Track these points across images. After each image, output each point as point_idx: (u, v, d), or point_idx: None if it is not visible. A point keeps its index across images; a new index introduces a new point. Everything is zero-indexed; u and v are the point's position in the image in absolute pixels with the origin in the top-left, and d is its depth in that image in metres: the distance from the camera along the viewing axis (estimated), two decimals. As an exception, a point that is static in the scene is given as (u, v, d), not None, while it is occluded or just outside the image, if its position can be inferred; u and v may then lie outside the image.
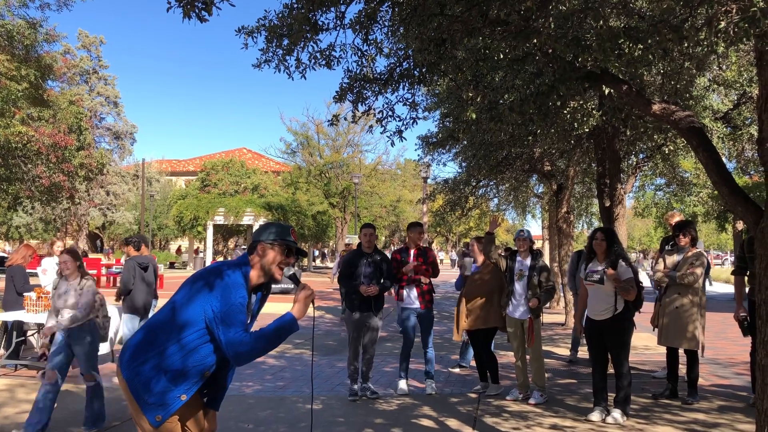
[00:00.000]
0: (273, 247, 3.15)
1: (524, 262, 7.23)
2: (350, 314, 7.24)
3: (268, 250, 3.15)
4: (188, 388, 3.02)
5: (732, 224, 21.83)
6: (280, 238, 3.17)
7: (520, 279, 7.19)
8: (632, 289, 6.15)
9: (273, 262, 3.15)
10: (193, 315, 2.97)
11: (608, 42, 4.22)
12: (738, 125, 9.90)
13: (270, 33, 5.20)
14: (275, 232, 3.19)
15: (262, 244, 3.15)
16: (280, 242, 3.16)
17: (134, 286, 7.91)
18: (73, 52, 42.50)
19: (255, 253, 3.17)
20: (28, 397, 7.05)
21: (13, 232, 39.58)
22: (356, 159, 37.62)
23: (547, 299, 7.21)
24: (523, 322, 7.15)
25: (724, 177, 4.06)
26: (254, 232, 3.27)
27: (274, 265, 3.15)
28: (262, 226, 3.29)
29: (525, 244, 7.29)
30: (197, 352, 2.99)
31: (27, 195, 18.60)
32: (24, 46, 15.88)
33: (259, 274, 3.16)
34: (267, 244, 3.15)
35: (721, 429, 5.95)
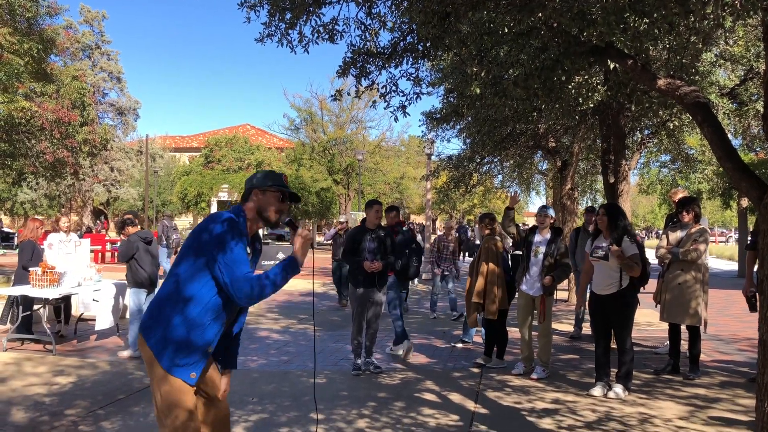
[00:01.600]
0: (266, 193, 3.19)
1: (544, 238, 7.23)
2: (354, 290, 7.27)
3: (263, 195, 3.19)
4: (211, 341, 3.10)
5: (737, 201, 21.75)
6: (274, 184, 3.20)
7: (536, 255, 7.20)
8: (636, 266, 6.16)
9: (269, 206, 3.19)
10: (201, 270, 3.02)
11: (613, 16, 4.18)
12: (744, 101, 9.82)
13: (273, 6, 5.16)
14: (270, 178, 3.22)
15: (257, 190, 3.20)
16: (275, 188, 3.20)
17: (139, 259, 7.94)
18: (76, 26, 42.22)
19: (249, 200, 3.21)
20: (35, 371, 7.14)
21: (18, 208, 39.66)
22: (360, 135, 37.50)
23: (561, 277, 7.21)
24: (535, 299, 7.17)
25: (728, 153, 4.03)
26: (246, 180, 3.29)
27: (270, 208, 3.20)
28: (254, 174, 3.30)
29: (546, 220, 7.28)
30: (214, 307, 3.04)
31: (31, 171, 18.59)
32: (26, 19, 15.77)
33: (255, 219, 3.21)
34: (261, 190, 3.19)
35: (722, 404, 5.99)
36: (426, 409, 5.84)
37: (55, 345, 8.09)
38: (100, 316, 8.69)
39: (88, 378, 6.92)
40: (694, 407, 5.88)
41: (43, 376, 6.94)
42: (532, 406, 5.93)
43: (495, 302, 7.38)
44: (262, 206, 3.19)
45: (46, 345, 8.32)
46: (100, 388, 6.51)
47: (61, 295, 8.41)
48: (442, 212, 56.35)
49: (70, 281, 8.61)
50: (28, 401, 6.00)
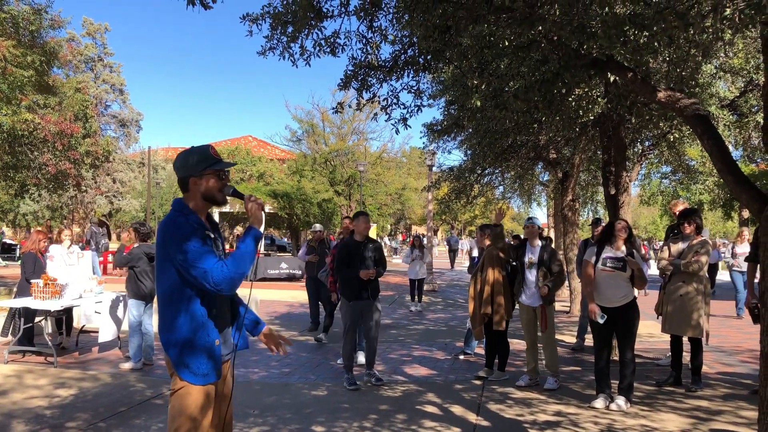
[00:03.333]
0: (203, 176, 3.09)
1: (534, 249, 7.25)
2: (348, 303, 7.24)
3: (202, 181, 3.10)
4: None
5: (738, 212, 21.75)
6: (208, 165, 3.09)
7: (530, 267, 7.21)
8: (646, 278, 6.23)
9: (212, 189, 3.11)
10: (171, 279, 3.00)
11: (613, 29, 4.21)
12: (744, 113, 9.84)
13: (274, 20, 5.19)
14: (198, 161, 3.10)
15: (194, 178, 3.10)
16: (208, 170, 3.09)
17: (141, 273, 7.95)
18: (78, 39, 42.50)
19: (188, 189, 3.12)
20: (36, 383, 7.13)
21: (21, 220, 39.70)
22: (361, 147, 37.52)
23: (557, 286, 7.20)
24: (535, 309, 7.19)
25: (728, 165, 4.05)
26: (176, 168, 3.15)
27: (214, 191, 3.12)
28: (180, 158, 3.15)
29: (534, 231, 7.30)
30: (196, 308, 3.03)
31: (34, 182, 18.65)
32: (29, 32, 15.88)
33: (203, 206, 3.14)
34: (196, 177, 3.10)
35: (725, 416, 5.97)
36: (427, 421, 5.83)
37: (56, 357, 8.08)
38: (104, 328, 8.69)
39: (89, 390, 6.91)
40: (697, 419, 5.86)
41: (45, 389, 6.93)
42: (534, 419, 5.92)
43: (500, 312, 7.37)
44: (206, 192, 3.11)
45: (47, 357, 8.31)
46: (102, 400, 6.50)
47: (63, 307, 8.41)
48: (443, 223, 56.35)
49: (71, 293, 8.62)
50: (29, 414, 5.99)
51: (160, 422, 5.78)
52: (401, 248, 46.45)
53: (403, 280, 22.13)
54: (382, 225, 43.04)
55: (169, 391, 3.09)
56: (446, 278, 25.35)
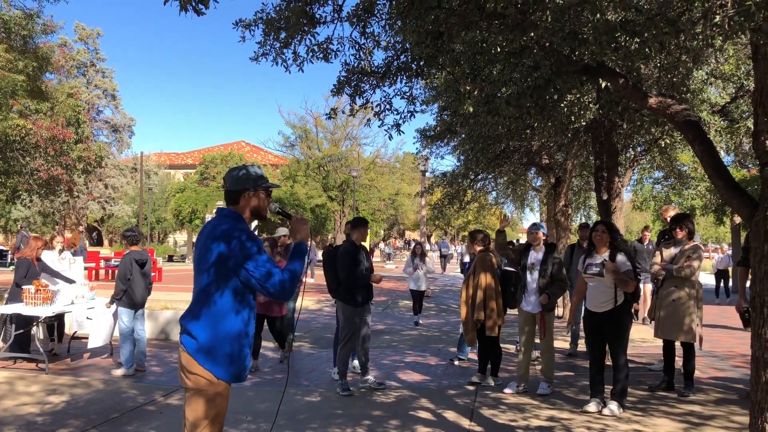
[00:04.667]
0: (257, 193, 3.32)
1: (537, 255, 7.25)
2: (353, 309, 7.20)
3: (255, 195, 3.32)
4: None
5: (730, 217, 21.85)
6: (264, 184, 3.34)
7: (531, 272, 7.21)
8: (631, 282, 6.19)
9: (261, 206, 3.35)
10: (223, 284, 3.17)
11: (605, 35, 4.23)
12: (735, 118, 9.90)
13: (267, 26, 5.20)
14: (256, 178, 3.33)
15: (248, 193, 3.30)
16: (261, 188, 3.33)
17: (133, 281, 7.91)
18: (70, 44, 42.38)
19: (240, 201, 3.31)
20: (27, 390, 7.08)
21: (12, 225, 39.53)
22: (355, 152, 37.58)
23: (557, 293, 7.17)
24: (535, 316, 7.19)
25: (719, 170, 4.07)
26: (231, 180, 3.33)
27: (264, 207, 3.37)
28: (235, 172, 3.36)
29: (538, 237, 7.30)
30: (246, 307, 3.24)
31: (25, 188, 18.59)
32: (21, 37, 15.83)
33: (249, 218, 3.36)
34: (251, 192, 3.31)
35: (717, 421, 5.99)
36: (421, 427, 5.82)
37: (48, 363, 8.03)
38: (94, 334, 8.65)
39: (81, 397, 6.87)
40: (689, 424, 5.88)
41: (36, 395, 6.88)
42: (527, 424, 5.92)
43: (492, 318, 7.37)
44: (258, 207, 3.34)
45: (39, 363, 8.27)
46: (94, 407, 6.46)
47: (55, 313, 8.37)
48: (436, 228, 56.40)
49: (63, 299, 8.58)
50: (20, 421, 5.95)
51: (152, 428, 5.75)
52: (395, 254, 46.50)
53: (395, 286, 22.13)
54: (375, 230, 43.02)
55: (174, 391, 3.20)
56: (439, 284, 25.34)
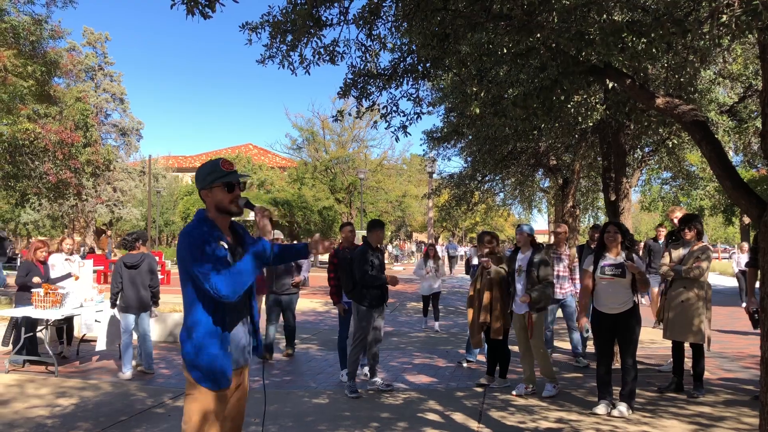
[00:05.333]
0: (213, 189, 3.22)
1: (524, 257, 7.23)
2: (365, 310, 7.22)
3: (212, 193, 3.23)
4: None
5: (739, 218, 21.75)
6: (216, 179, 3.21)
7: (519, 274, 7.20)
8: (648, 281, 6.23)
9: (223, 201, 3.23)
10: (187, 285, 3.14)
11: (612, 36, 4.22)
12: (744, 118, 9.85)
13: (274, 29, 5.21)
14: (208, 174, 3.23)
15: (204, 191, 3.24)
16: (216, 183, 3.21)
17: (123, 285, 7.95)
18: (79, 48, 42.56)
19: (205, 202, 3.27)
20: (37, 392, 7.12)
21: (21, 229, 39.78)
22: (362, 154, 37.60)
23: (541, 293, 7.05)
24: (524, 316, 7.16)
25: (727, 170, 4.06)
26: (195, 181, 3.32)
27: (225, 203, 3.23)
28: (196, 172, 3.31)
29: (522, 239, 7.28)
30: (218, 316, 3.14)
31: (34, 192, 18.68)
32: (30, 42, 15.93)
33: (221, 217, 3.26)
34: (206, 191, 3.24)
35: (727, 422, 5.95)
36: (429, 429, 5.82)
37: (57, 366, 8.07)
38: (102, 337, 8.69)
39: (90, 399, 6.90)
40: (699, 426, 5.85)
41: (46, 398, 6.92)
42: (535, 426, 5.90)
43: (499, 320, 7.35)
44: (217, 204, 3.23)
45: (48, 366, 8.31)
46: (103, 409, 6.49)
47: (64, 316, 8.41)
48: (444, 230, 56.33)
49: (72, 302, 8.62)
50: (30, 423, 5.98)
51: (160, 431, 5.77)
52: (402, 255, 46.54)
53: (403, 288, 22.13)
54: (382, 232, 42.95)
55: (183, 394, 3.21)
56: (447, 285, 25.31)
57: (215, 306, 3.11)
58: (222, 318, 3.13)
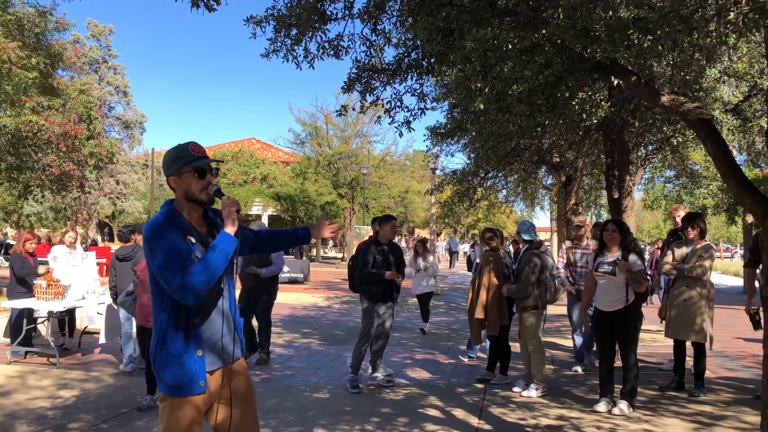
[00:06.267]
0: (182, 176, 2.92)
1: (519, 256, 7.36)
2: (370, 305, 7.22)
3: (181, 179, 2.93)
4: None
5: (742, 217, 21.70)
6: (184, 164, 2.91)
7: (514, 273, 7.31)
8: (644, 281, 6.18)
9: (191, 188, 2.93)
10: (152, 284, 2.90)
11: (617, 33, 4.21)
12: (748, 117, 9.81)
13: (278, 23, 5.21)
14: (175, 159, 2.93)
15: (173, 178, 2.94)
16: (186, 168, 2.91)
17: (117, 277, 7.94)
18: (83, 41, 42.56)
19: (174, 190, 2.97)
20: (38, 384, 7.14)
21: (24, 221, 39.84)
22: (365, 150, 37.55)
23: (519, 287, 7.05)
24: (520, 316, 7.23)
25: (732, 169, 4.04)
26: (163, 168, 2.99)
27: (194, 190, 2.93)
28: (164, 158, 2.98)
29: (519, 237, 7.38)
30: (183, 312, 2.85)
31: (37, 184, 18.67)
32: (34, 34, 15.95)
33: (190, 207, 2.97)
34: (175, 177, 2.93)
35: (728, 421, 5.95)
36: (429, 425, 5.82)
37: (59, 358, 8.09)
38: (104, 329, 8.70)
39: (91, 391, 6.91)
40: (700, 424, 5.84)
41: (47, 390, 6.94)
42: (536, 423, 5.90)
43: (496, 317, 7.36)
44: (186, 192, 2.93)
45: (50, 358, 8.32)
46: (104, 401, 6.50)
47: (66, 308, 8.43)
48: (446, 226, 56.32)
49: (74, 294, 8.63)
50: (32, 415, 6.00)
51: (162, 424, 5.78)
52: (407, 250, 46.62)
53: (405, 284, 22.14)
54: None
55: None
56: (448, 282, 25.33)
57: (179, 306, 2.82)
58: (187, 317, 2.84)
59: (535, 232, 7.48)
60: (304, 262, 24.45)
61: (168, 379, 2.83)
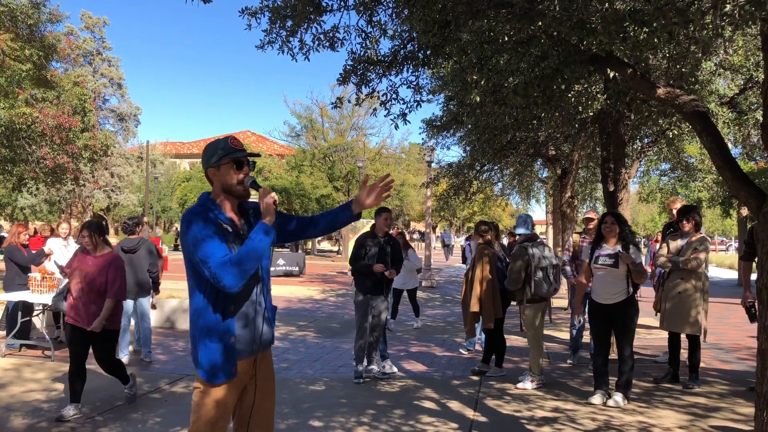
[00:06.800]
0: (221, 168, 3.02)
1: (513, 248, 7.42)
2: (363, 299, 7.22)
3: (219, 171, 3.03)
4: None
5: (737, 210, 21.75)
6: (224, 155, 3.01)
7: (505, 267, 7.40)
8: (645, 273, 6.20)
9: (231, 182, 3.02)
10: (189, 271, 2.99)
11: (613, 25, 4.20)
12: (744, 110, 9.81)
13: (273, 14, 5.18)
14: (215, 151, 3.04)
15: (212, 170, 3.04)
16: (226, 158, 3.01)
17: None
18: (77, 33, 42.36)
19: (211, 183, 3.08)
20: (34, 377, 7.13)
21: (18, 214, 39.68)
22: (360, 142, 37.52)
23: (508, 284, 7.13)
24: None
25: (727, 162, 4.04)
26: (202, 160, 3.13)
27: (232, 183, 3.02)
28: (204, 150, 3.11)
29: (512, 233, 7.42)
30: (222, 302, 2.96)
31: (31, 176, 18.59)
32: (27, 25, 15.84)
33: (227, 198, 3.06)
34: (213, 169, 3.04)
35: (722, 413, 5.98)
36: (425, 416, 5.83)
37: (53, 351, 8.07)
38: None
39: (86, 384, 6.90)
40: (694, 416, 5.87)
41: (42, 382, 6.93)
42: (531, 415, 5.92)
43: (487, 310, 7.37)
44: (224, 183, 3.03)
45: (44, 351, 8.31)
46: (99, 394, 6.50)
47: (61, 300, 8.39)
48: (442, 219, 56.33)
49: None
50: (27, 407, 5.99)
51: (157, 417, 5.78)
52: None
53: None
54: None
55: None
56: (444, 275, 25.37)
57: (216, 293, 2.92)
58: (224, 305, 2.93)
59: (531, 225, 7.45)
60: (299, 255, 24.44)
61: (203, 364, 2.92)
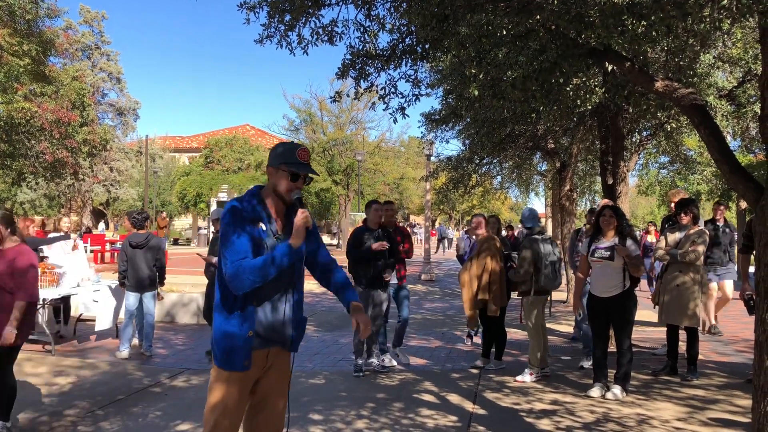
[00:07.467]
0: (278, 171, 3.08)
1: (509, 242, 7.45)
2: (363, 291, 7.19)
3: (276, 173, 3.09)
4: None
5: (735, 203, 21.77)
6: (284, 162, 3.06)
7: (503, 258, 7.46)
8: (642, 266, 6.21)
9: (281, 188, 3.09)
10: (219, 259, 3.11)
11: (611, 18, 4.20)
12: (742, 103, 9.80)
13: (272, 8, 5.17)
14: (280, 154, 3.09)
15: (270, 169, 3.11)
16: (284, 167, 3.06)
17: (129, 263, 7.99)
18: (75, 27, 42.19)
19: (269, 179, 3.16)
20: (34, 371, 7.15)
21: (18, 208, 39.66)
22: (359, 136, 37.42)
23: (515, 275, 7.22)
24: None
25: (725, 155, 4.05)
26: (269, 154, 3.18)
27: (281, 188, 3.09)
28: (273, 147, 3.19)
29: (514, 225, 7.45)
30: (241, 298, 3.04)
31: (31, 171, 18.61)
32: (26, 21, 15.83)
33: (273, 197, 3.13)
34: (273, 168, 3.10)
35: (720, 405, 6.01)
36: (424, 409, 5.86)
37: (54, 345, 8.10)
38: (100, 316, 8.71)
39: (87, 378, 6.93)
40: (692, 408, 5.90)
41: (43, 377, 6.95)
42: (530, 407, 5.95)
43: (495, 299, 7.39)
44: (276, 186, 3.10)
45: (45, 345, 8.33)
46: (100, 388, 6.52)
47: (61, 295, 8.42)
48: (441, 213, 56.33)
49: (69, 281, 8.62)
50: (28, 401, 6.01)
51: (157, 410, 5.80)
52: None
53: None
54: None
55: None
56: (443, 268, 25.40)
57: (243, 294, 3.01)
58: (246, 296, 2.99)
59: (538, 219, 7.57)
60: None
61: (218, 352, 3.02)
